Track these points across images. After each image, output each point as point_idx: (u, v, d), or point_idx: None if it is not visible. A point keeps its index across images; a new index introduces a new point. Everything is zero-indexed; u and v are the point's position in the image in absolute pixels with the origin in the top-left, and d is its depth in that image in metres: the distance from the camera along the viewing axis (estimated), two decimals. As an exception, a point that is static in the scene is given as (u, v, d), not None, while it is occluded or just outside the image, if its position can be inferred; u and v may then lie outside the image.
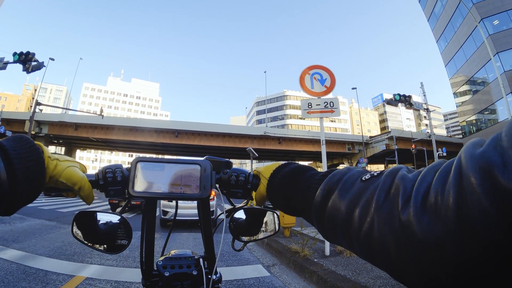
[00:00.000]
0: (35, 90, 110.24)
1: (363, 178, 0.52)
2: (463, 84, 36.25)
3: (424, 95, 27.77)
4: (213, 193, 0.86)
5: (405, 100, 20.97)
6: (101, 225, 0.84)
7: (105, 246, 0.84)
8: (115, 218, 0.85)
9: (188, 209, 7.96)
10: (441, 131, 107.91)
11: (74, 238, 0.83)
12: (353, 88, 45.52)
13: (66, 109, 33.56)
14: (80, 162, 0.77)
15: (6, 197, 0.52)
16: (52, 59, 33.31)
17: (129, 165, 0.78)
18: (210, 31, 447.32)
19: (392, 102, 21.60)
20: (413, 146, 37.37)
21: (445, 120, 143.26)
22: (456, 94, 38.65)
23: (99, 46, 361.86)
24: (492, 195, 0.29)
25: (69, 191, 0.72)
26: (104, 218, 0.85)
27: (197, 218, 1.04)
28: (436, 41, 41.68)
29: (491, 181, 0.30)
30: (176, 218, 1.18)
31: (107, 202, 16.51)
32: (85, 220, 0.85)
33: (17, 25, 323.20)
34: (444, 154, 28.48)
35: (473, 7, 30.32)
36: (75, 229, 0.82)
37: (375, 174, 0.52)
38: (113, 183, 0.76)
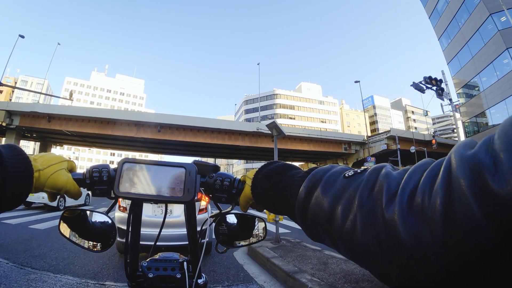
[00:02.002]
0: (15, 82, 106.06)
1: (346, 175, 0.52)
2: (469, 82, 34.49)
3: (446, 84, 24.98)
4: (206, 199, 0.96)
5: (436, 84, 17.86)
6: (89, 223, 0.87)
7: (93, 243, 0.86)
8: (101, 217, 0.88)
9: (172, 228, 4.89)
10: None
11: (61, 235, 0.83)
12: (356, 82, 42.95)
13: (33, 91, 30.05)
14: (69, 160, 0.78)
15: None
16: (22, 37, 30.33)
17: (116, 166, 0.80)
18: (198, 29, 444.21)
19: (420, 85, 18.49)
20: (433, 141, 35.51)
21: (434, 124, 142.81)
22: (459, 93, 36.59)
23: (83, 40, 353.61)
24: (482, 200, 0.29)
25: (56, 195, 0.74)
26: (91, 216, 0.88)
27: (185, 243, 1.02)
28: (438, 38, 40.10)
29: (481, 185, 0.29)
30: (156, 244, 1.11)
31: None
32: (72, 219, 0.86)
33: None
34: None
35: (480, 3, 29.32)
36: (62, 227, 0.84)
37: (359, 171, 0.52)
38: (99, 182, 0.78)
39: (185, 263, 0.93)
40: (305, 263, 4.75)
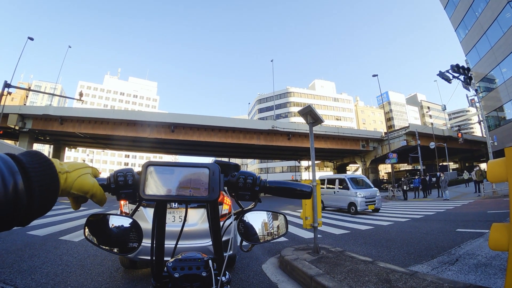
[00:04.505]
0: (29, 88, 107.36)
1: None
2: (489, 73, 33.03)
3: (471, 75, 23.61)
4: (229, 202, 1.21)
5: (463, 72, 16.41)
6: (113, 228, 0.89)
7: (117, 248, 0.89)
8: (126, 221, 0.90)
9: (188, 240, 3.85)
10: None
11: (87, 240, 0.87)
12: (374, 75, 41.23)
13: (46, 93, 29.74)
14: (93, 167, 0.80)
15: (23, 209, 0.54)
16: (31, 39, 29.80)
17: (140, 169, 0.82)
18: (210, 30, 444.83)
19: (446, 75, 17.10)
20: (459, 135, 33.94)
21: (450, 119, 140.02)
22: (479, 85, 35.00)
23: (95, 44, 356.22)
24: None
25: (82, 198, 0.74)
26: (115, 221, 0.89)
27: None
28: (455, 29, 38.83)
29: None
30: (176, 244, 1.12)
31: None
32: (97, 223, 0.89)
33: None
34: (496, 143, 24.41)
35: (497, -10, 28.29)
36: (87, 232, 0.87)
37: None
38: (124, 186, 0.80)
39: (210, 261, 0.94)
40: (362, 282, 3.60)
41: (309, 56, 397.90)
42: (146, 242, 1.44)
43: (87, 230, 0.86)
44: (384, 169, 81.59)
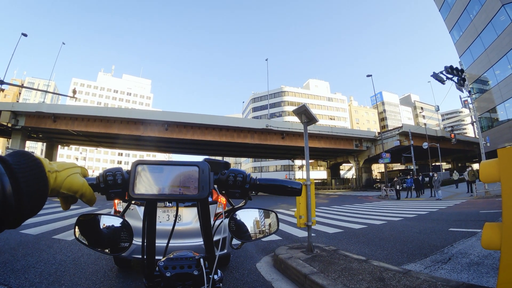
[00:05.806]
0: (22, 84, 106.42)
1: None
2: (482, 74, 33.71)
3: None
4: (223, 201, 1.22)
5: (457, 74, 16.46)
6: (103, 228, 0.89)
7: (109, 249, 0.90)
8: (117, 221, 0.90)
9: (182, 238, 3.83)
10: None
11: (77, 241, 0.88)
12: (368, 76, 41.46)
13: (39, 90, 29.46)
14: (82, 166, 0.80)
15: (12, 210, 0.53)
16: (25, 35, 29.54)
17: (129, 168, 0.81)
18: (206, 29, 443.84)
19: (440, 76, 17.16)
20: (452, 135, 34.20)
21: (443, 120, 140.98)
22: (472, 87, 35.32)
23: (89, 41, 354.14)
24: None
25: (71, 198, 0.74)
26: (106, 220, 0.90)
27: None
28: (449, 31, 39.50)
29: None
30: (168, 243, 1.12)
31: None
32: (87, 223, 0.89)
33: None
34: (488, 144, 24.55)
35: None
36: (77, 232, 0.87)
37: None
38: (113, 185, 0.80)
39: (201, 260, 0.93)
40: (356, 280, 3.63)
41: (303, 56, 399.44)
42: (139, 241, 1.45)
43: (77, 230, 0.86)
44: (377, 169, 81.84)
